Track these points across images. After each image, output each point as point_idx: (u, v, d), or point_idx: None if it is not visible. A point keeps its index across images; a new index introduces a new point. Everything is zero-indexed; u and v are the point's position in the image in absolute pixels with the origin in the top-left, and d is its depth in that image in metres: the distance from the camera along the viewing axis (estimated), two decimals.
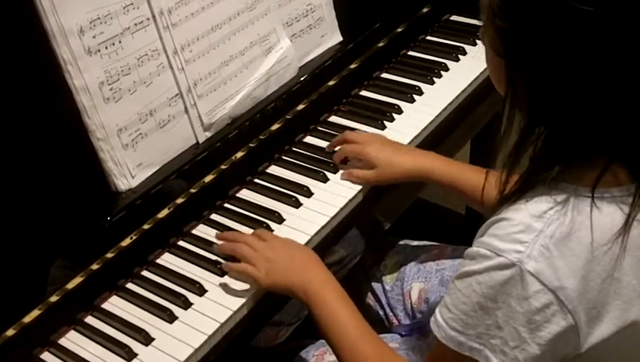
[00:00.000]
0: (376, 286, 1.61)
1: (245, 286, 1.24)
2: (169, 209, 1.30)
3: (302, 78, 1.55)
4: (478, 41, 1.80)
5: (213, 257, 1.30)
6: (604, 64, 0.84)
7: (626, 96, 0.86)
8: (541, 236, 0.89)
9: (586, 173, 0.91)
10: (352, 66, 1.66)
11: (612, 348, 0.94)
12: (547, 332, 0.90)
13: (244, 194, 1.44)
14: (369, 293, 1.61)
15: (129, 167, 1.25)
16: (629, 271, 0.92)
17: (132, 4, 1.24)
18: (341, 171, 1.46)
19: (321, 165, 1.48)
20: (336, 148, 1.49)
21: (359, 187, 1.43)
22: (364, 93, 1.72)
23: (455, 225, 2.29)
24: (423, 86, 1.70)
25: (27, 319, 1.12)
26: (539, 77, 0.89)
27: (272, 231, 1.34)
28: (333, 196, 1.41)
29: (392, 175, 1.42)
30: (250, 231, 1.33)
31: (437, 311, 0.99)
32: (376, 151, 1.42)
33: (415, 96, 1.67)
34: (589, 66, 0.85)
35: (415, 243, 1.66)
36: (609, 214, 0.91)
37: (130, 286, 1.27)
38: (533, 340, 0.90)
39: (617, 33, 0.83)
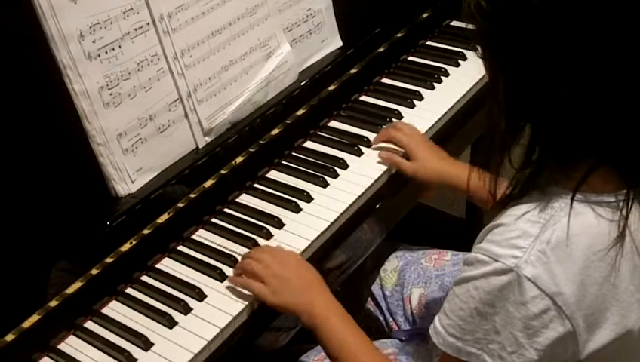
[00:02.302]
0: (376, 291, 1.60)
1: (245, 291, 1.24)
2: (169, 214, 1.30)
3: (302, 83, 1.55)
4: (478, 47, 1.80)
5: (213, 262, 1.30)
6: (569, 61, 0.85)
7: (603, 95, 0.86)
8: (537, 241, 0.89)
9: (575, 177, 0.92)
10: (352, 71, 1.67)
11: (610, 355, 0.94)
12: (545, 337, 0.90)
13: (244, 199, 1.44)
14: (369, 298, 1.61)
15: (129, 172, 1.25)
16: (626, 277, 0.92)
17: (132, 9, 1.25)
18: (380, 153, 1.51)
19: (321, 170, 1.48)
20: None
21: (359, 192, 1.43)
22: (364, 98, 1.72)
23: (455, 230, 2.29)
24: (423, 91, 1.70)
25: (27, 324, 1.12)
26: (517, 77, 0.90)
27: (272, 236, 1.34)
28: (332, 201, 1.41)
29: (428, 176, 1.46)
30: (251, 236, 1.33)
31: (436, 317, 1.00)
32: (418, 147, 1.47)
33: (415, 102, 1.67)
34: (557, 64, 0.86)
35: (415, 248, 1.66)
36: (604, 220, 0.91)
37: (129, 291, 1.27)
38: (530, 345, 0.90)
39: (576, 30, 0.84)
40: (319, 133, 1.60)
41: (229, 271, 1.27)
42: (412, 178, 1.48)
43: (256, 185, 1.47)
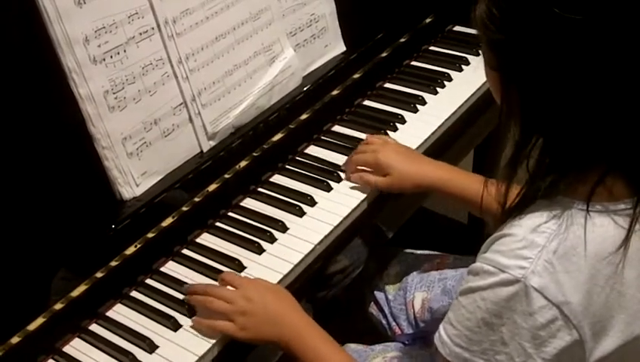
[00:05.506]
0: (379, 295, 1.61)
1: None
2: (173, 217, 1.30)
3: (305, 88, 1.55)
4: (480, 52, 1.80)
5: (218, 266, 1.30)
6: (595, 72, 0.84)
7: (618, 104, 0.86)
8: (544, 251, 0.89)
9: (581, 186, 0.91)
10: (356, 76, 1.67)
11: (617, 361, 0.94)
12: (552, 347, 0.90)
13: (248, 203, 1.44)
14: (372, 302, 1.61)
15: (133, 176, 1.26)
16: (632, 284, 0.92)
17: (137, 13, 1.25)
18: (350, 176, 1.46)
19: (324, 174, 1.49)
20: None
21: (363, 196, 1.43)
22: (367, 102, 1.72)
23: (458, 235, 2.29)
24: (427, 96, 1.71)
25: (32, 326, 1.13)
26: (532, 87, 0.89)
27: (276, 239, 1.34)
28: (336, 205, 1.42)
29: (403, 185, 1.43)
30: (255, 239, 1.33)
31: (441, 327, 0.99)
32: (389, 159, 1.42)
33: (418, 106, 1.68)
34: (580, 75, 0.85)
35: (418, 252, 1.66)
36: (608, 228, 0.91)
37: (134, 294, 1.27)
38: (538, 355, 0.90)
39: (606, 41, 0.83)
40: (322, 137, 1.61)
41: None
42: (388, 192, 1.44)
43: (260, 189, 1.47)
